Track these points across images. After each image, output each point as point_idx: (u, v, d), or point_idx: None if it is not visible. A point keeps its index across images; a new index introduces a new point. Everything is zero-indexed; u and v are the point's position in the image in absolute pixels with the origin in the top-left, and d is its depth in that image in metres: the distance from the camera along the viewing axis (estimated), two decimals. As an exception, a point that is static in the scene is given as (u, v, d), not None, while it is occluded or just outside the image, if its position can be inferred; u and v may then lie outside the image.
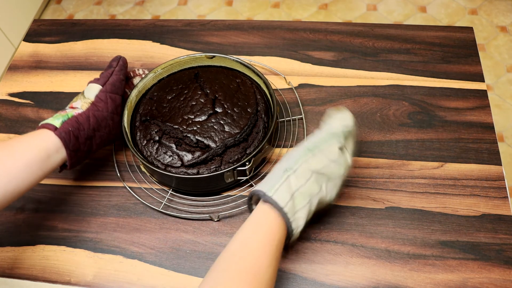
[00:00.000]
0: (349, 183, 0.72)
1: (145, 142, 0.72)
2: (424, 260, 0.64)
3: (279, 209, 0.53)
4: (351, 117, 0.62)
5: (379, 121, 0.78)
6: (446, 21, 1.90)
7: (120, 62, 0.74)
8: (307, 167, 0.55)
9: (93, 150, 0.68)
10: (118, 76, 0.72)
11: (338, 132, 0.59)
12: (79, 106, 0.68)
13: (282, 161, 0.58)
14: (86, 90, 0.70)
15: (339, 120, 0.61)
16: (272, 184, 0.54)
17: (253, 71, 0.78)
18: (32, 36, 0.98)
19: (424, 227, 0.67)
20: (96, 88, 0.70)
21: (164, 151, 0.71)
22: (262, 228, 0.52)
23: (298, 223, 0.54)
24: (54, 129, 0.62)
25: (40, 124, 0.64)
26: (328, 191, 0.57)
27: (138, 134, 0.74)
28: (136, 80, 0.79)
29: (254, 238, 0.52)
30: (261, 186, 0.55)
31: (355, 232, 0.67)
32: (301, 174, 0.55)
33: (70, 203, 0.73)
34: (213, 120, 0.72)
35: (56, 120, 0.64)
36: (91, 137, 0.67)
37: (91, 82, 0.71)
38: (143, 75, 0.79)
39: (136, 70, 0.79)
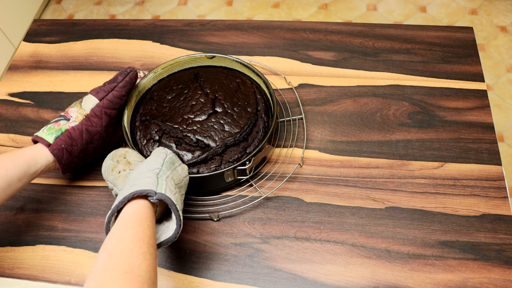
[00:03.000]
0: (349, 183, 0.72)
1: (145, 141, 0.72)
2: (424, 260, 0.64)
3: (171, 205, 0.54)
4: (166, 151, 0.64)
5: (379, 121, 0.78)
6: (446, 21, 1.90)
7: (127, 78, 0.71)
8: (172, 179, 0.59)
9: (87, 159, 0.72)
10: (119, 93, 0.70)
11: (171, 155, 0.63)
12: (74, 116, 0.69)
13: (143, 167, 0.59)
14: (84, 100, 0.70)
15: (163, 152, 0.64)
16: (153, 184, 0.55)
17: (253, 71, 0.78)
18: (32, 36, 0.98)
19: (424, 227, 0.67)
20: (93, 101, 0.69)
21: (164, 151, 0.71)
22: (145, 222, 0.52)
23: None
24: (47, 145, 0.65)
25: (34, 136, 0.67)
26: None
27: (138, 133, 0.74)
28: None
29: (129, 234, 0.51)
30: (142, 186, 0.54)
31: (355, 232, 0.67)
32: (171, 184, 0.58)
33: (70, 203, 0.73)
34: (213, 120, 0.72)
35: (50, 135, 0.66)
36: (85, 149, 0.69)
37: (91, 92, 0.70)
38: (143, 76, 0.78)
39: (138, 73, 0.79)
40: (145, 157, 0.71)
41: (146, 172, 0.57)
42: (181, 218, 0.55)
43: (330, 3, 2.02)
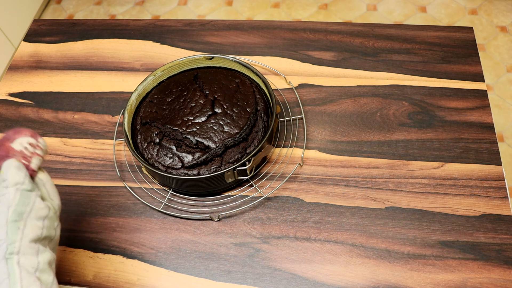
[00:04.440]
0: (349, 183, 0.72)
1: (145, 144, 0.72)
2: (424, 260, 0.64)
3: None
4: (14, 168, 0.50)
5: (379, 121, 0.78)
6: (446, 21, 1.90)
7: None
8: (27, 240, 0.47)
9: None
10: None
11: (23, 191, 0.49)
12: None
13: None
14: None
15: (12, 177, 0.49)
16: (4, 279, 0.44)
17: (252, 71, 0.78)
18: (32, 36, 0.98)
19: (424, 227, 0.67)
20: None
21: (164, 153, 0.71)
22: None
23: None
24: None
25: None
26: (57, 235, 0.52)
27: (139, 137, 0.74)
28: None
29: None
30: None
31: (355, 232, 0.67)
32: (27, 251, 0.46)
33: (70, 203, 0.73)
34: (212, 121, 0.72)
35: None
36: None
37: None
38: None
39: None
40: (146, 160, 0.71)
41: None
42: None
43: (330, 3, 2.02)
